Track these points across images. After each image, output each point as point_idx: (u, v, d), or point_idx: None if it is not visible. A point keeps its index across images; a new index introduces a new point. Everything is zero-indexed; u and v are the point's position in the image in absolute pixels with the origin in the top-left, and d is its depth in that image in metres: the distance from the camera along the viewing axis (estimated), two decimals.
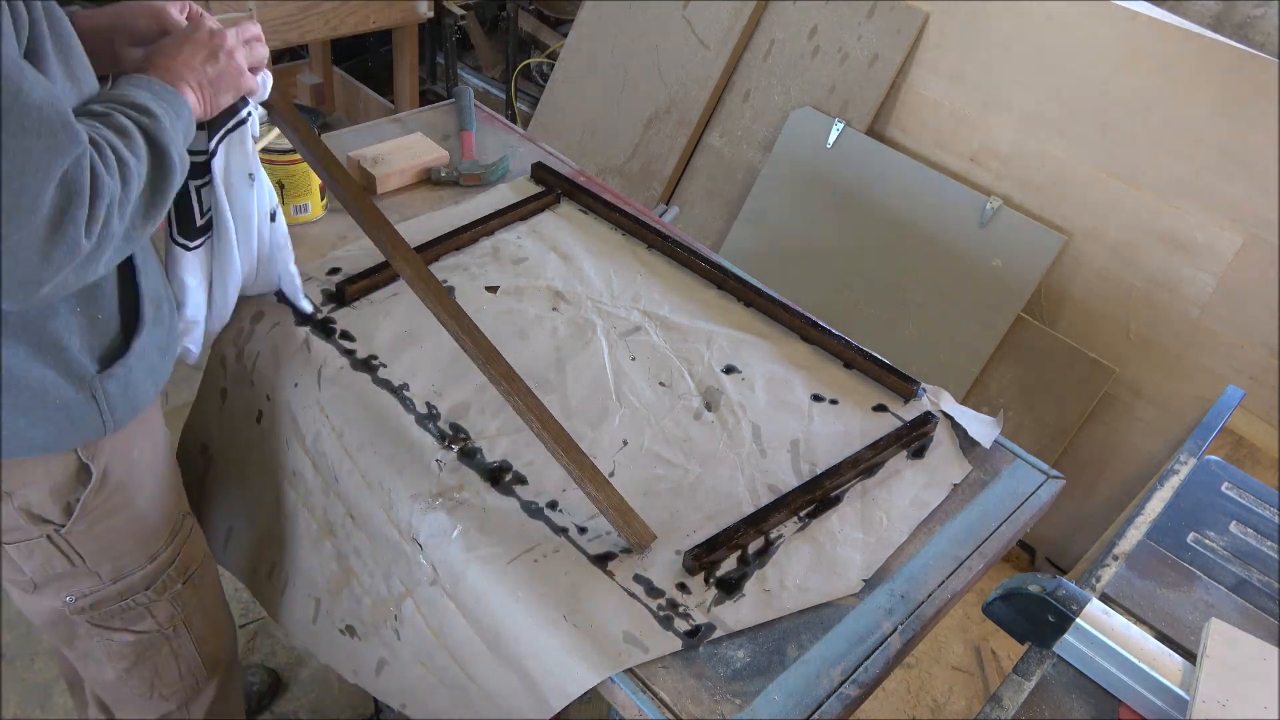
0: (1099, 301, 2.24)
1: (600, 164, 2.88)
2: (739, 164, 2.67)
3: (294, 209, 1.47)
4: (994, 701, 0.98)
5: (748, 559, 1.06)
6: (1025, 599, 1.01)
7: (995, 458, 1.28)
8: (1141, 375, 2.22)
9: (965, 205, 2.30)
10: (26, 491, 0.99)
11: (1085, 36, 2.16)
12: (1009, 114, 2.30)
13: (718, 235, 2.70)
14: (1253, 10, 2.21)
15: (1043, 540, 2.42)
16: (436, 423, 1.16)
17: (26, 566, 1.07)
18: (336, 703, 1.89)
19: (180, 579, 1.20)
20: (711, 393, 1.28)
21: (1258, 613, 1.13)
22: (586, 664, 0.93)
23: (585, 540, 1.05)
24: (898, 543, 1.12)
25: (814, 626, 1.01)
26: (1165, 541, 1.21)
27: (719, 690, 0.93)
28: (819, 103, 2.51)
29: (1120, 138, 2.15)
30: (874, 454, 1.21)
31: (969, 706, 2.10)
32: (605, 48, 2.86)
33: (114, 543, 1.10)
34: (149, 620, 1.19)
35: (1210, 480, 1.34)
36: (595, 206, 1.61)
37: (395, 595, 1.14)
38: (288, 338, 1.25)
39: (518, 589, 0.99)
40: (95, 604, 1.13)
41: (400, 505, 1.09)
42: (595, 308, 1.39)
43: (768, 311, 1.44)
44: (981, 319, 2.28)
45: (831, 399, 1.32)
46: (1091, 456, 2.31)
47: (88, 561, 1.09)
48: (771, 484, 1.16)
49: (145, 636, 1.20)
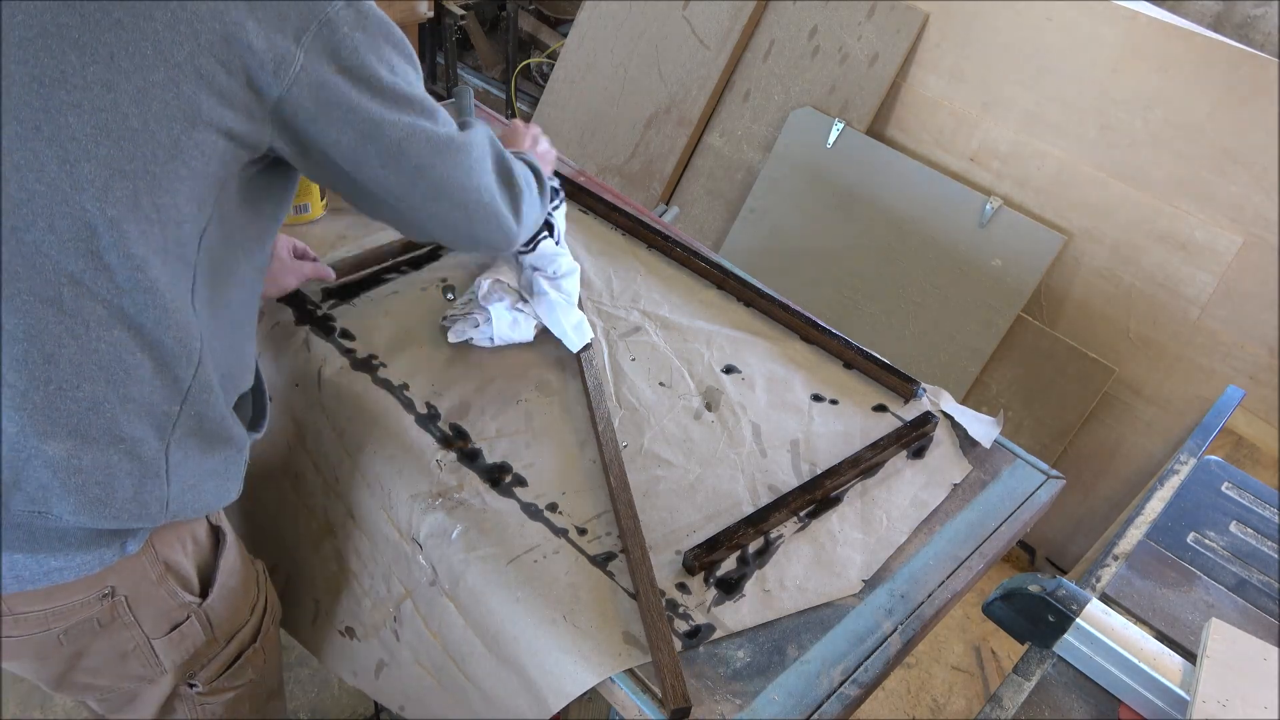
0: (1099, 301, 2.24)
1: (600, 164, 2.88)
2: (739, 164, 2.67)
3: (294, 209, 1.47)
4: (994, 701, 0.98)
5: (748, 559, 1.06)
6: (1025, 599, 1.01)
7: (995, 458, 1.28)
8: (1141, 375, 2.22)
9: (965, 205, 2.30)
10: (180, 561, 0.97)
11: (1085, 36, 2.16)
12: (1009, 114, 2.30)
13: (718, 235, 2.70)
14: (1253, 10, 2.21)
15: (1043, 540, 2.42)
16: (436, 423, 1.16)
17: (170, 657, 1.02)
18: (336, 703, 1.89)
19: (272, 622, 1.17)
20: (711, 393, 1.28)
21: (1258, 613, 1.13)
22: (586, 664, 0.93)
23: (585, 541, 1.05)
24: (898, 543, 1.12)
25: (814, 626, 1.01)
26: (1165, 541, 1.21)
27: (719, 690, 0.93)
28: (819, 103, 2.51)
29: (1120, 138, 2.15)
30: (874, 454, 1.21)
31: (969, 706, 2.10)
32: (605, 48, 2.86)
33: (233, 602, 1.07)
34: (248, 672, 1.14)
35: (1210, 480, 1.33)
36: (595, 206, 1.61)
37: (394, 596, 1.14)
38: (287, 337, 1.25)
39: (517, 589, 0.99)
40: (214, 674, 1.09)
41: (400, 505, 1.09)
42: (595, 308, 1.39)
43: (768, 311, 1.44)
44: (981, 319, 2.28)
45: (831, 399, 1.32)
46: (1091, 456, 2.31)
47: (217, 630, 1.05)
48: (771, 484, 1.16)
49: (241, 689, 1.15)
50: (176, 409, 0.87)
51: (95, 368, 0.81)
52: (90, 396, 0.81)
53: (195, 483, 0.92)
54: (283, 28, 0.78)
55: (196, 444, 0.91)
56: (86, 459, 0.83)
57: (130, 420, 0.84)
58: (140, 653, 1.00)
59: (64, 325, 0.78)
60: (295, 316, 1.28)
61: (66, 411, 0.81)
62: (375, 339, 1.26)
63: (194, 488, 0.92)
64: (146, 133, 0.75)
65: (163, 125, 0.76)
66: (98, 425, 0.82)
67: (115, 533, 0.89)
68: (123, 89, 0.74)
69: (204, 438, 0.91)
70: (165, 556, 0.96)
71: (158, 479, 0.88)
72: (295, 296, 1.31)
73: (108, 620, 0.95)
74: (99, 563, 0.89)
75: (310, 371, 1.22)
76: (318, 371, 1.21)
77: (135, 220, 0.77)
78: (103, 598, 0.92)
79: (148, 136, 0.76)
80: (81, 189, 0.75)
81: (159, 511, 0.89)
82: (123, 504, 0.86)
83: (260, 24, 0.77)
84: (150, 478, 0.87)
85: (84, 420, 0.82)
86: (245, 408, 1.04)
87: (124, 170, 0.76)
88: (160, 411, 0.86)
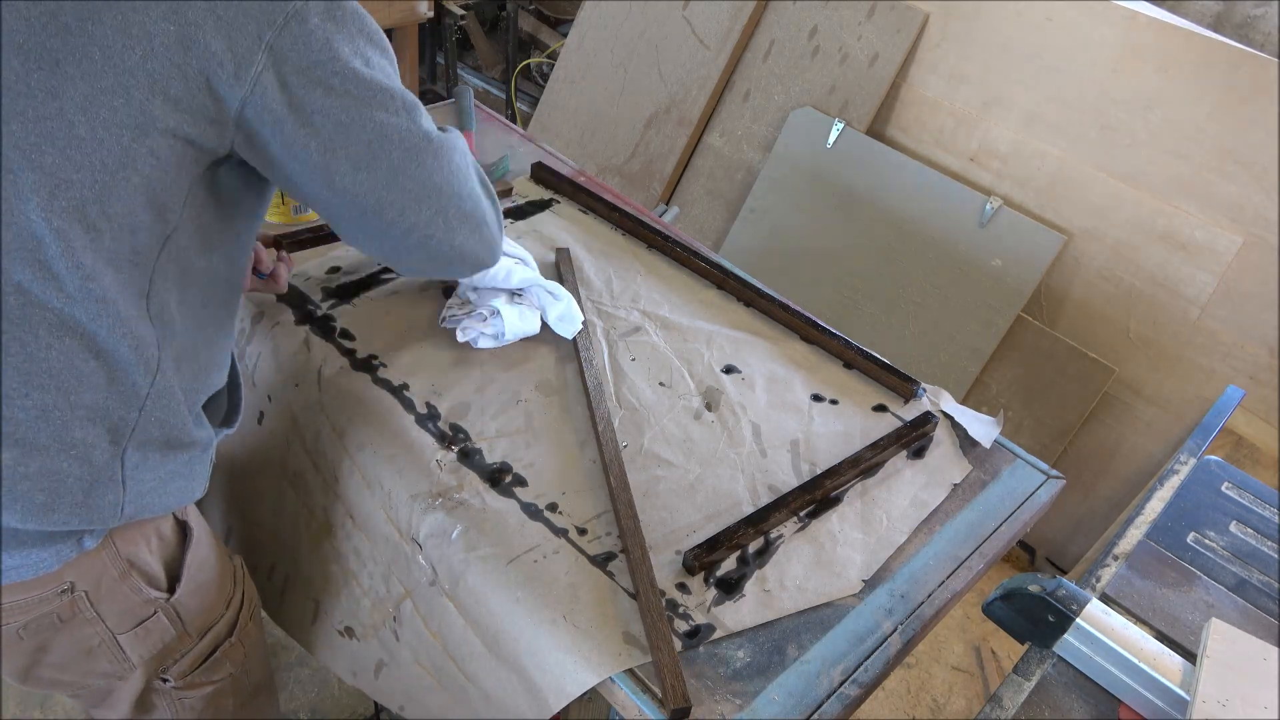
0: (1099, 301, 2.24)
1: (600, 164, 2.88)
2: (739, 164, 2.67)
3: (294, 209, 1.47)
4: (994, 701, 0.98)
5: (748, 559, 1.06)
6: (1025, 599, 1.01)
7: (995, 458, 1.28)
8: (1141, 375, 2.21)
9: (965, 205, 2.30)
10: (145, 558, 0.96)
11: (1085, 36, 2.16)
12: (1009, 114, 2.30)
13: (718, 235, 2.70)
14: (1253, 10, 2.21)
15: (1043, 540, 2.42)
16: (436, 423, 1.16)
17: (137, 652, 1.01)
18: (336, 703, 1.89)
19: (250, 617, 1.15)
20: (711, 393, 1.28)
21: (1258, 613, 1.13)
22: (586, 664, 0.93)
23: (585, 541, 1.05)
24: (898, 543, 1.12)
25: (814, 626, 1.01)
26: (1165, 541, 1.21)
27: (719, 690, 0.93)
28: (819, 103, 2.51)
29: (1120, 138, 2.15)
30: (874, 454, 1.21)
31: (969, 706, 2.10)
32: (605, 48, 2.86)
33: (205, 597, 1.05)
34: (226, 666, 1.13)
35: (1210, 480, 1.33)
36: (595, 206, 1.61)
37: (394, 596, 1.14)
38: (288, 337, 1.25)
39: (517, 589, 0.99)
40: (188, 669, 1.08)
41: (400, 505, 1.09)
42: (595, 308, 1.39)
43: (768, 311, 1.44)
44: (981, 319, 2.28)
45: (831, 399, 1.32)
46: (1091, 456, 2.31)
47: (188, 625, 1.04)
48: (771, 484, 1.16)
49: (220, 683, 1.14)
50: (134, 415, 0.85)
51: (44, 376, 0.79)
52: (39, 404, 0.80)
53: (155, 486, 0.90)
54: (245, 24, 0.74)
55: (157, 449, 0.89)
56: (33, 466, 0.81)
57: (82, 426, 0.82)
58: (106, 648, 0.98)
59: (10, 334, 0.77)
60: (295, 316, 1.28)
61: (13, 420, 0.79)
62: (375, 339, 1.26)
63: (154, 490, 0.90)
64: (94, 141, 0.73)
65: (111, 133, 0.73)
66: (46, 432, 0.81)
67: (70, 530, 0.87)
68: (68, 96, 0.71)
69: (165, 444, 0.90)
70: (127, 553, 0.94)
71: (112, 483, 0.86)
72: (295, 296, 1.31)
73: (68, 615, 0.93)
74: (56, 559, 0.88)
75: (310, 371, 1.22)
76: (318, 371, 1.21)
77: (83, 230, 0.75)
78: (61, 593, 0.91)
79: (95, 145, 0.73)
80: (24, 198, 0.73)
81: (112, 515, 0.88)
82: (70, 508, 0.84)
83: (221, 21, 0.73)
84: (103, 482, 0.86)
85: (32, 428, 0.80)
86: (219, 404, 1.03)
87: (70, 179, 0.73)
88: (116, 418, 0.84)
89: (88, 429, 0.83)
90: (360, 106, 0.81)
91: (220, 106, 0.76)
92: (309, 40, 0.77)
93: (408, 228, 0.90)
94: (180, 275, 0.85)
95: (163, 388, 0.87)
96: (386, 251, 0.95)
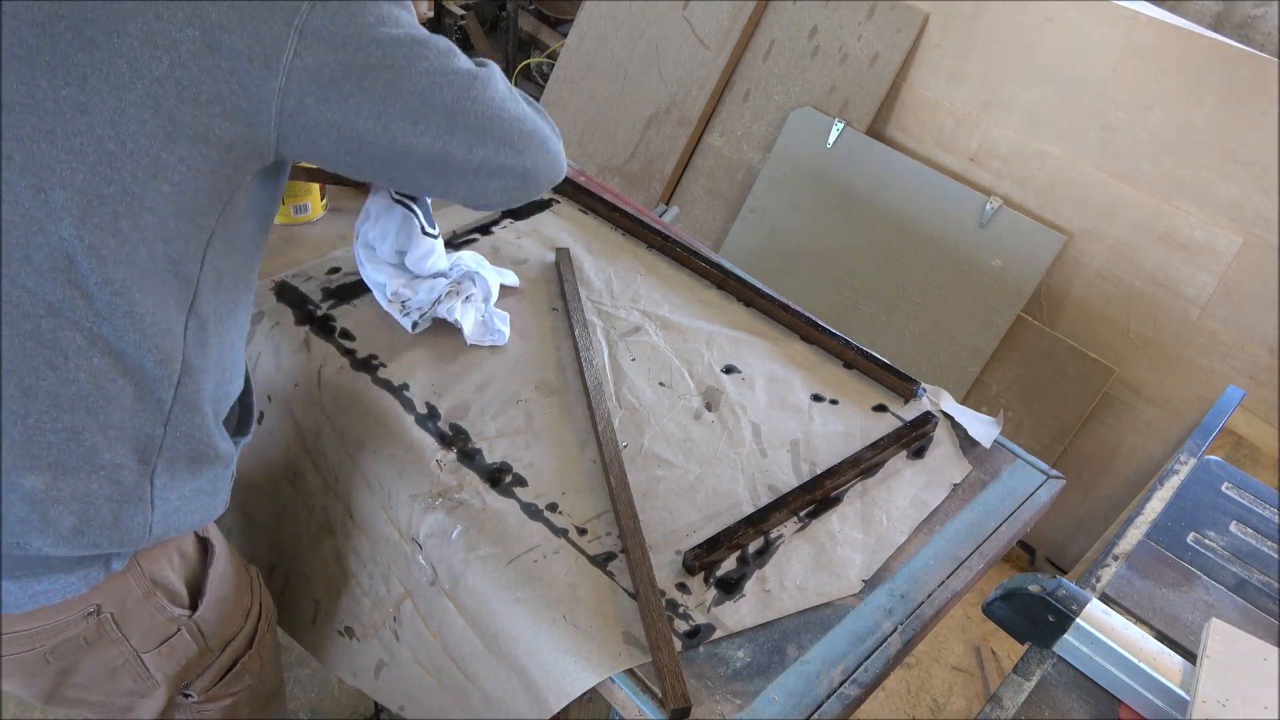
0: (1099, 301, 2.24)
1: (600, 164, 2.88)
2: (739, 164, 2.67)
3: (294, 209, 1.47)
4: (994, 701, 0.98)
5: (748, 559, 1.06)
6: (1025, 599, 1.01)
7: (995, 458, 1.28)
8: (1141, 375, 2.22)
9: (965, 205, 2.30)
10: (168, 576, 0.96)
11: (1085, 36, 2.16)
12: (1009, 114, 2.30)
13: (718, 235, 2.70)
14: (1253, 10, 2.21)
15: (1043, 540, 2.42)
16: (436, 423, 1.16)
17: (161, 670, 1.01)
18: (336, 703, 1.89)
19: (267, 627, 1.16)
20: (711, 393, 1.28)
21: (1258, 613, 1.13)
22: (586, 664, 0.93)
23: (585, 541, 1.05)
24: (898, 543, 1.12)
25: (814, 626, 1.01)
26: (1165, 541, 1.21)
27: (719, 690, 0.93)
28: (819, 103, 2.51)
29: (1120, 138, 2.15)
30: (874, 454, 1.21)
31: (969, 706, 2.10)
32: (605, 48, 2.86)
33: (225, 611, 1.05)
34: (245, 678, 1.13)
35: (1210, 480, 1.33)
36: (595, 206, 1.61)
37: (394, 596, 1.14)
38: (288, 337, 1.25)
39: (517, 589, 0.99)
40: (209, 684, 1.08)
41: (400, 505, 1.09)
42: (595, 308, 1.39)
43: (767, 311, 1.44)
44: (981, 319, 2.28)
45: (831, 399, 1.32)
46: (1091, 456, 2.31)
47: (209, 640, 1.04)
48: (771, 484, 1.16)
49: (241, 694, 1.14)
50: (160, 431, 0.85)
51: (74, 397, 0.79)
52: (69, 427, 0.79)
53: (181, 504, 0.90)
54: (271, 15, 0.73)
55: (185, 466, 0.89)
56: (65, 489, 0.81)
57: (111, 447, 0.82)
58: (130, 667, 0.99)
59: (42, 357, 0.76)
60: (295, 316, 1.28)
61: (45, 444, 0.79)
62: (375, 339, 1.26)
63: (179, 509, 0.90)
64: (125, 154, 0.72)
65: (140, 144, 0.72)
66: (78, 455, 0.81)
67: (98, 554, 0.88)
68: (97, 111, 0.71)
69: (191, 459, 0.90)
70: (151, 573, 0.94)
71: (141, 504, 0.86)
72: (295, 296, 1.31)
73: (95, 638, 0.93)
74: (84, 583, 0.88)
75: (310, 371, 1.22)
76: (318, 371, 1.21)
77: (115, 244, 0.75)
78: (88, 616, 0.91)
79: (126, 158, 0.72)
80: (58, 218, 0.72)
81: (141, 536, 0.88)
82: (101, 530, 0.84)
83: (245, 17, 0.72)
84: (132, 503, 0.86)
85: (64, 451, 0.80)
86: (233, 412, 1.03)
87: (102, 195, 0.73)
88: (144, 435, 0.84)
89: (116, 449, 0.83)
90: (400, 68, 0.80)
91: (256, 104, 0.75)
92: (335, 18, 0.75)
93: (478, 164, 0.90)
94: (216, 280, 0.85)
95: (185, 400, 0.86)
96: (465, 192, 0.94)
